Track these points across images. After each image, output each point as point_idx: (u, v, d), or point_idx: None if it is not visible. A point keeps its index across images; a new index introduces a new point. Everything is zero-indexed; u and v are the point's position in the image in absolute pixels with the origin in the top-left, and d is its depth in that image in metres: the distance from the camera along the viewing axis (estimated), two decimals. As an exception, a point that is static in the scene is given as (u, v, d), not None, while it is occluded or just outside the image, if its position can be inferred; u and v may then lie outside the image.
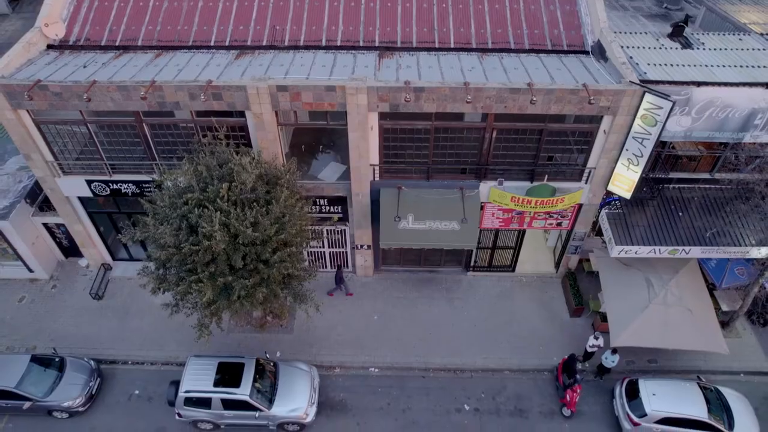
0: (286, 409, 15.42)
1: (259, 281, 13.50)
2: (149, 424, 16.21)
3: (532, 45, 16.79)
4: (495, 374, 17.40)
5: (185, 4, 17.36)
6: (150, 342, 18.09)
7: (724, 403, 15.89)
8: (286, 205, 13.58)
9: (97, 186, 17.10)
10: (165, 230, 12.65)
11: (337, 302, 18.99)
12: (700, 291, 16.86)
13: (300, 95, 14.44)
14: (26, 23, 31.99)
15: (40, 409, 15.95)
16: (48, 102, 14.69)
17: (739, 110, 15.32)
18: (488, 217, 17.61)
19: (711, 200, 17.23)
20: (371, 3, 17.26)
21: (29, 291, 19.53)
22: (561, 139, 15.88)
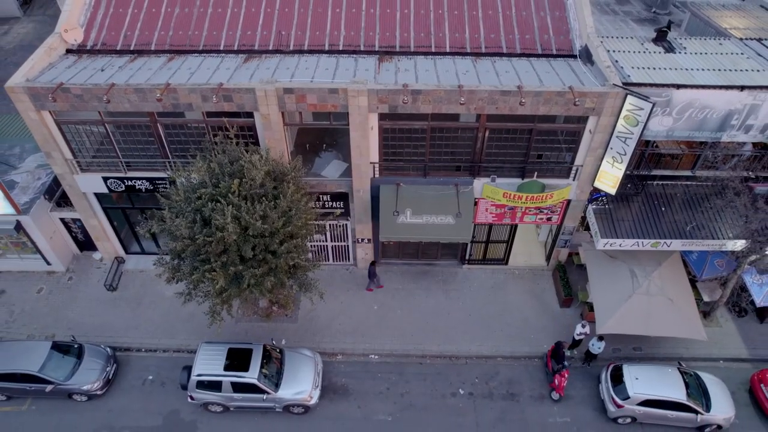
0: (292, 392, 16.45)
1: (267, 270, 14.53)
2: (163, 407, 17.24)
3: (524, 49, 17.80)
4: (488, 361, 18.42)
5: (195, 11, 18.37)
6: (162, 331, 19.12)
7: (702, 386, 16.92)
8: (293, 200, 14.61)
9: (112, 182, 18.12)
10: (180, 223, 13.67)
11: (339, 293, 20.02)
12: (681, 282, 17.88)
13: (305, 97, 15.45)
14: (37, 26, 33.08)
15: (61, 392, 16.97)
16: (69, 103, 15.70)
17: (716, 111, 16.32)
18: (482, 212, 18.63)
19: (692, 196, 18.24)
20: (371, 9, 18.27)
21: (47, 282, 20.55)
22: (550, 138, 16.89)
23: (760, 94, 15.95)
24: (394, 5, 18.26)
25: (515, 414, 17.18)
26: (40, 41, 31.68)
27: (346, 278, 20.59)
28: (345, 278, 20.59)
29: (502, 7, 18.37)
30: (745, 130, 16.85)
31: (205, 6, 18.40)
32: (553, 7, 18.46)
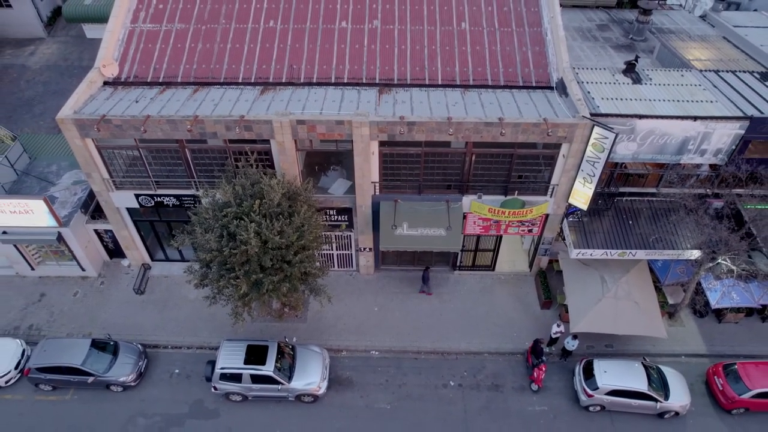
0: (303, 383, 18.82)
1: (283, 278, 16.90)
2: (189, 397, 19.60)
3: (507, 81, 20.16)
4: (476, 356, 20.79)
5: (216, 47, 20.75)
6: (186, 330, 21.48)
7: (663, 378, 19.29)
8: (305, 217, 16.98)
9: (143, 199, 20.49)
10: (210, 237, 16.03)
11: (343, 296, 22.38)
12: (646, 287, 20.24)
13: (315, 127, 17.82)
14: (61, 47, 35.43)
15: (100, 384, 19.35)
16: (110, 132, 18.07)
17: (674, 138, 18.70)
18: (470, 224, 20.99)
19: (656, 211, 20.61)
20: (372, 45, 20.65)
21: (81, 287, 22.92)
22: (528, 161, 19.25)
23: (711, 124, 18.34)
24: (393, 42, 20.65)
25: (499, 403, 19.55)
26: (64, 61, 34.32)
27: (350, 282, 22.96)
28: (349, 282, 22.96)
29: (488, 43, 20.75)
30: (700, 154, 19.24)
31: (225, 42, 20.79)
32: (533, 43, 20.83)
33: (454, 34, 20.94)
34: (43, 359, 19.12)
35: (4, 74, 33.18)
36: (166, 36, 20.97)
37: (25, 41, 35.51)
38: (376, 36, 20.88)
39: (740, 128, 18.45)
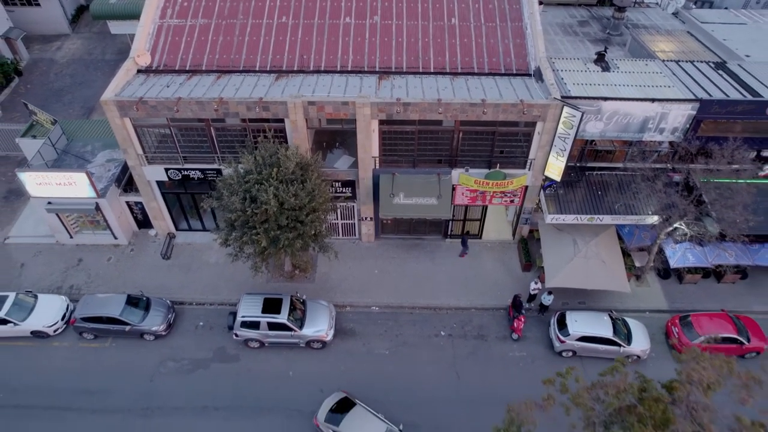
0: (312, 330, 21.65)
1: (297, 235, 19.72)
2: (212, 345, 22.44)
3: (491, 69, 22.98)
4: (464, 311, 23.61)
5: (235, 39, 23.56)
6: (208, 289, 24.29)
7: (627, 328, 22.11)
8: (315, 184, 19.81)
9: (172, 172, 23.31)
10: (235, 199, 18.86)
11: (347, 260, 25.18)
12: (613, 249, 23.05)
13: (324, 108, 20.65)
14: (85, 42, 38.29)
15: (135, 333, 22.18)
16: (146, 112, 20.90)
17: (636, 117, 21.53)
18: (459, 195, 23.80)
19: (622, 183, 23.38)
20: (373, 38, 23.46)
21: (114, 253, 25.75)
22: (509, 138, 22.07)
23: (667, 105, 21.17)
24: (391, 35, 23.46)
25: (484, 350, 22.37)
26: (89, 55, 37.19)
27: (353, 249, 25.78)
28: (352, 249, 25.77)
29: (474, 36, 23.56)
30: (659, 132, 22.08)
31: (243, 35, 23.61)
32: (515, 36, 23.65)
33: (444, 28, 23.76)
34: (87, 311, 21.98)
35: (35, 68, 36.04)
36: (191, 30, 23.80)
37: (52, 37, 38.38)
38: (376, 30, 23.70)
39: (692, 109, 21.28)
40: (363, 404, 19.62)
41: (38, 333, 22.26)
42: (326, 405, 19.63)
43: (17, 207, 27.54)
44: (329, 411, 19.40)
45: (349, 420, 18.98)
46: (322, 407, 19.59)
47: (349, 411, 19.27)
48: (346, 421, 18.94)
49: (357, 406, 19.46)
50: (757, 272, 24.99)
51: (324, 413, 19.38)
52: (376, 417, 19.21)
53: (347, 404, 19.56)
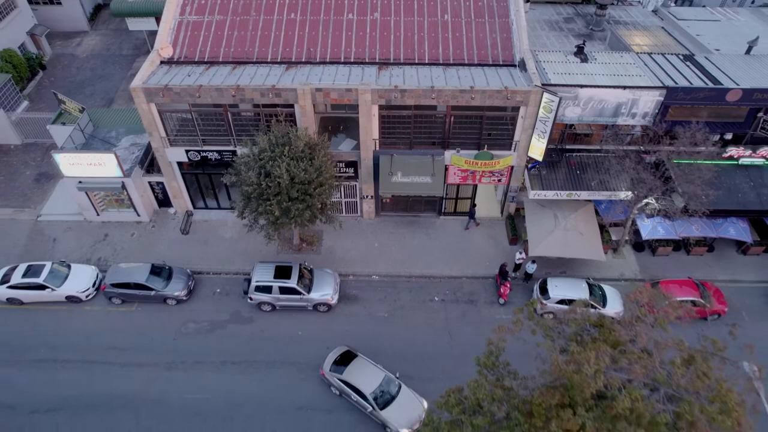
0: (319, 294, 24.09)
1: (306, 207, 22.17)
2: (229, 308, 24.88)
3: (480, 60, 25.41)
4: (456, 280, 26.06)
5: (249, 34, 26.01)
6: (224, 261, 26.73)
7: (602, 292, 24.54)
8: (322, 161, 22.25)
9: (192, 153, 25.76)
10: (251, 174, 21.31)
11: (350, 235, 27.63)
12: (590, 222, 25.48)
13: (329, 94, 23.10)
14: (103, 38, 40.75)
15: (159, 298, 24.61)
16: (170, 98, 23.35)
17: (610, 103, 23.97)
18: (451, 175, 26.24)
19: (599, 163, 25.82)
20: (373, 33, 25.90)
21: (137, 229, 28.19)
22: (495, 121, 24.51)
23: (638, 92, 23.61)
24: (389, 30, 25.91)
25: (473, 313, 24.81)
26: (107, 51, 39.70)
27: (355, 225, 28.23)
28: (354, 225, 28.22)
29: (465, 30, 26.01)
30: (631, 117, 24.53)
31: (256, 30, 26.06)
32: (502, 30, 26.09)
33: (438, 23, 26.20)
34: (115, 278, 24.43)
35: (57, 62, 38.51)
36: (208, 25, 26.24)
37: (72, 34, 40.84)
38: (377, 25, 26.15)
39: (660, 96, 23.72)
40: (363, 356, 22.06)
41: (72, 298, 24.71)
42: (330, 357, 22.07)
43: (47, 189, 30.00)
44: (333, 362, 21.83)
45: (352, 368, 21.41)
46: (327, 359, 22.03)
47: (351, 362, 21.69)
48: (349, 370, 21.37)
49: (358, 358, 21.90)
50: (723, 246, 27.45)
51: (329, 364, 21.82)
52: (376, 366, 21.65)
53: (349, 356, 21.98)
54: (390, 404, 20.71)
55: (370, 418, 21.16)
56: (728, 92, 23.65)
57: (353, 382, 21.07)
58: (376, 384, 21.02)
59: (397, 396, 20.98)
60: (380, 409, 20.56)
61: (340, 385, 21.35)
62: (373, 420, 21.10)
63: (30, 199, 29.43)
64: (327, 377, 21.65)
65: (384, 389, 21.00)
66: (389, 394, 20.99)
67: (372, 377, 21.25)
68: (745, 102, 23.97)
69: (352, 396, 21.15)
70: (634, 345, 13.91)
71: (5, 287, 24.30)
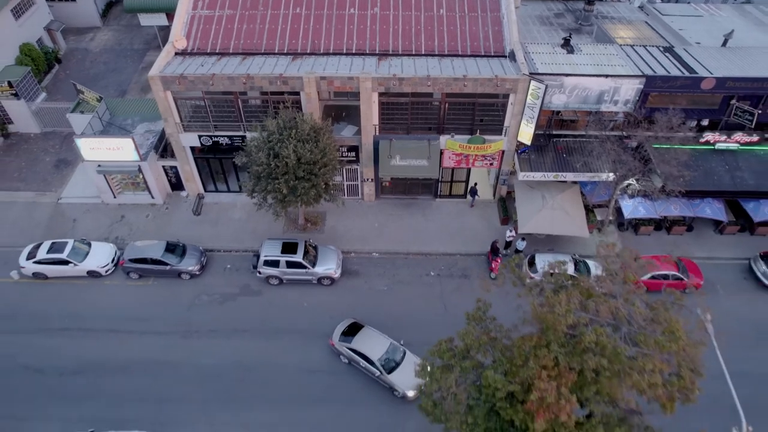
0: (323, 268, 25.93)
1: (311, 185, 24.00)
2: (239, 282, 26.72)
3: (472, 52, 27.24)
4: (450, 256, 27.89)
5: (257, 27, 27.83)
6: (233, 239, 28.55)
7: (587, 267, 26.34)
8: (326, 143, 24.09)
9: (204, 138, 27.59)
10: (261, 155, 23.14)
11: (352, 216, 29.46)
12: (576, 202, 27.30)
13: (333, 82, 24.93)
14: (115, 33, 42.60)
15: (174, 272, 26.44)
16: (185, 86, 25.18)
17: (593, 91, 25.80)
18: (446, 159, 28.06)
19: (584, 147, 27.63)
20: (373, 26, 27.73)
21: (151, 211, 30.02)
22: (487, 108, 26.34)
23: (619, 80, 25.42)
24: (388, 23, 27.74)
25: (466, 286, 26.63)
26: (119, 45, 41.54)
27: (356, 207, 30.07)
28: (355, 207, 30.06)
29: (459, 24, 27.84)
30: (614, 104, 26.36)
31: (263, 24, 27.89)
32: (493, 24, 27.92)
33: (434, 17, 28.04)
34: (133, 254, 26.27)
35: (72, 56, 40.34)
36: (219, 19, 28.07)
37: (85, 29, 42.66)
38: (376, 19, 27.98)
39: (640, 84, 25.56)
40: (370, 326, 23.81)
41: (93, 273, 26.54)
42: (338, 329, 23.79)
43: (66, 174, 31.82)
44: (341, 333, 23.55)
45: (359, 338, 23.13)
46: (335, 331, 23.74)
47: (358, 332, 23.40)
48: (357, 339, 23.08)
49: (365, 328, 23.63)
50: (701, 226, 29.29)
51: (337, 335, 23.53)
52: (381, 335, 23.39)
53: (356, 327, 23.69)
54: (396, 369, 22.45)
55: (372, 380, 23.01)
56: (703, 81, 25.50)
57: (362, 349, 22.77)
58: (382, 351, 22.73)
59: (402, 361, 22.74)
60: (387, 373, 22.31)
61: (349, 353, 23.07)
62: (378, 383, 22.90)
63: (50, 184, 31.26)
64: (336, 347, 23.37)
65: (390, 356, 22.76)
66: (395, 360, 22.75)
67: (379, 345, 22.95)
68: (718, 90, 25.83)
69: (360, 363, 22.87)
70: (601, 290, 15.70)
71: (31, 262, 26.14)
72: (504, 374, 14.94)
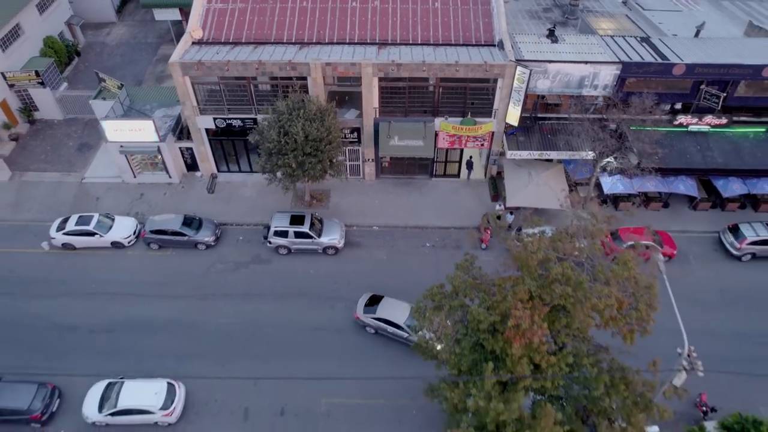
0: (328, 238, 28.36)
1: (318, 161, 26.44)
2: (250, 252, 29.15)
3: (465, 41, 29.71)
4: (445, 230, 30.31)
5: (267, 19, 30.30)
6: (245, 215, 30.98)
7: (569, 238, 28.71)
8: (331, 122, 26.54)
9: (218, 121, 30.03)
10: (272, 133, 25.59)
11: (354, 193, 31.90)
12: (559, 179, 29.74)
13: (337, 68, 27.39)
14: (129, 28, 45.11)
15: (191, 243, 28.86)
16: (202, 71, 27.63)
17: (575, 76, 28.25)
18: (441, 140, 30.49)
19: (567, 129, 30.07)
20: (374, 18, 30.20)
21: (168, 189, 32.45)
22: (478, 92, 28.79)
23: (597, 66, 27.87)
24: (387, 15, 30.22)
25: (459, 256, 28.42)
26: (134, 39, 44.06)
27: (358, 186, 32.52)
28: (357, 186, 32.52)
29: (453, 16, 30.31)
30: (594, 88, 28.81)
31: (273, 15, 30.36)
32: (484, 16, 30.40)
33: (429, 10, 30.51)
34: (154, 226, 28.68)
35: (90, 49, 42.83)
36: (232, 12, 30.54)
37: (102, 24, 45.19)
38: (376, 11, 30.45)
39: (617, 69, 28.00)
40: (388, 297, 25.79)
41: (116, 243, 28.97)
42: (361, 302, 25.66)
43: (88, 156, 34.27)
44: (364, 306, 25.49)
45: (382, 307, 25.13)
46: (358, 305, 25.61)
47: (379, 302, 25.38)
48: (380, 308, 25.07)
49: (385, 298, 25.57)
50: (677, 203, 31.72)
51: (361, 308, 25.41)
52: (401, 302, 25.37)
53: (376, 299, 25.64)
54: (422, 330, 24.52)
55: (369, 336, 25.40)
56: (674, 67, 27.96)
57: (387, 317, 24.74)
58: (406, 315, 24.71)
59: None
60: (416, 333, 24.27)
61: (375, 323, 25.02)
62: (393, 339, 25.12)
63: (74, 165, 33.71)
64: (362, 319, 25.30)
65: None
66: (417, 321, 24.93)
67: (401, 310, 24.97)
68: (689, 75, 28.27)
69: (387, 329, 24.82)
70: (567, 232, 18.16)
71: (61, 233, 28.58)
72: (487, 309, 17.34)
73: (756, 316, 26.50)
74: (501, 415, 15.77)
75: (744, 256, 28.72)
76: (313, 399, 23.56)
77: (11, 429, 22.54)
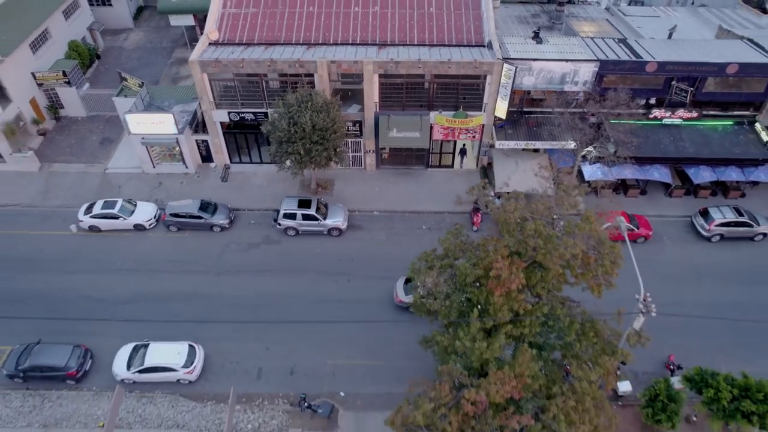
0: (332, 220, 31.06)
1: (324, 149, 29.20)
2: (261, 234, 31.82)
3: (457, 42, 32.63)
4: (440, 214, 32.99)
5: (277, 22, 33.27)
6: (256, 201, 33.68)
7: (553, 220, 31.41)
8: (336, 114, 29.35)
9: (232, 115, 32.85)
10: (283, 123, 28.38)
11: (356, 182, 34.63)
12: (544, 168, 32.43)
13: (341, 65, 30.27)
14: (146, 34, 48.15)
15: (207, 225, 31.53)
16: (219, 69, 30.50)
17: (557, 73, 31.12)
18: (436, 132, 33.28)
19: (551, 121, 32.88)
20: (374, 21, 33.17)
21: (184, 179, 35.19)
22: (469, 87, 31.63)
23: (577, 64, 30.75)
24: (387, 19, 33.19)
25: (452, 237, 31.62)
26: (150, 44, 47.06)
27: (359, 175, 35.28)
28: (359, 175, 35.27)
29: (446, 20, 33.28)
30: (574, 84, 31.66)
31: (282, 20, 33.33)
32: (475, 19, 33.37)
33: (425, 15, 33.49)
34: (173, 210, 31.39)
35: (109, 53, 45.83)
36: (245, 16, 33.51)
37: (119, 30, 48.24)
38: (377, 15, 33.42)
39: (595, 67, 30.88)
40: None
41: (138, 226, 31.64)
42: (399, 286, 27.86)
43: (110, 149, 37.05)
44: (403, 285, 27.95)
45: None
46: (396, 288, 27.88)
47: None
48: None
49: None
50: (654, 191, 34.43)
51: (401, 290, 27.79)
52: None
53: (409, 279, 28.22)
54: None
55: (371, 306, 27.97)
56: (647, 64, 30.83)
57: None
58: None
59: None
60: None
61: None
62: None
63: (97, 157, 36.47)
64: (405, 300, 27.33)
65: None
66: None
67: None
68: (660, 72, 31.14)
69: None
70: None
71: (88, 216, 31.27)
72: (472, 265, 19.98)
73: (722, 290, 29.10)
74: (484, 354, 18.34)
75: (713, 237, 31.38)
76: (320, 360, 26.12)
77: (50, 386, 25.08)
